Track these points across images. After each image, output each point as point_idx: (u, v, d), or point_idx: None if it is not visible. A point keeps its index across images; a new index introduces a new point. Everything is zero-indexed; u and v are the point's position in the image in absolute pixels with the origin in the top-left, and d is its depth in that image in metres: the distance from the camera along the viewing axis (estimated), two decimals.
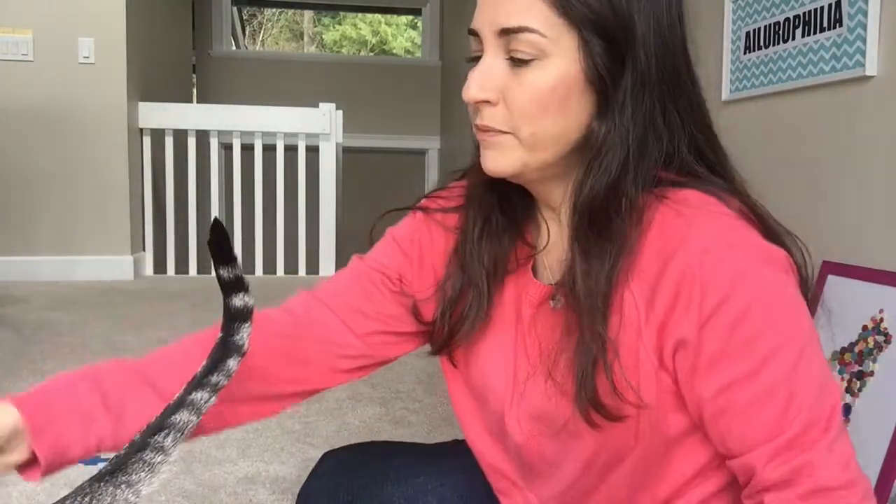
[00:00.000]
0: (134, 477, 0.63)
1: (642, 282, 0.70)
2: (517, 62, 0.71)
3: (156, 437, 0.64)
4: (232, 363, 0.69)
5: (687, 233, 0.68)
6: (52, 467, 0.73)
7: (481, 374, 0.84)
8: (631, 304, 0.70)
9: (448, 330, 0.83)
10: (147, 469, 0.63)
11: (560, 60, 0.70)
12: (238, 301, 0.71)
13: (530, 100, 0.71)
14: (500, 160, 0.74)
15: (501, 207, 0.82)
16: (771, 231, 0.72)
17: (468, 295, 0.82)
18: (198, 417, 0.66)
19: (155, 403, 0.72)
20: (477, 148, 0.79)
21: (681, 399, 0.71)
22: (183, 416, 0.66)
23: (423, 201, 0.91)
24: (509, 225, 0.82)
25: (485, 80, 0.72)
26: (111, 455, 0.65)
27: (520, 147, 0.73)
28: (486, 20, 0.72)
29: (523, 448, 0.82)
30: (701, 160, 0.75)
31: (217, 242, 0.70)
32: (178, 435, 0.65)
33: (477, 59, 0.74)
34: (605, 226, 0.71)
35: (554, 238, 0.80)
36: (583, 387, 0.71)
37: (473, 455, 0.89)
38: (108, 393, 0.76)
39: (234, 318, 0.71)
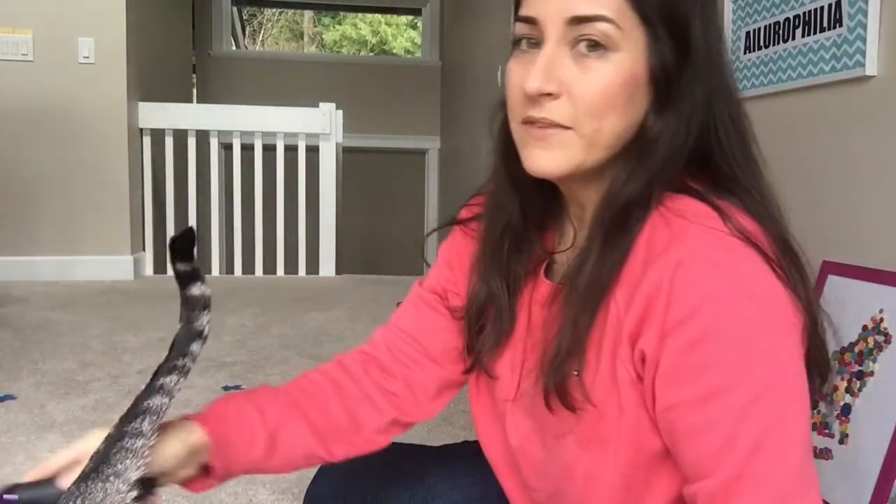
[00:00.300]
0: (120, 466, 0.63)
1: (624, 290, 0.68)
2: (584, 54, 0.68)
3: (132, 423, 0.65)
4: (195, 347, 0.72)
5: (669, 245, 0.65)
6: (218, 483, 0.79)
7: (496, 375, 0.84)
8: (614, 311, 0.68)
9: (477, 346, 0.83)
10: (131, 455, 0.64)
11: (629, 55, 0.68)
12: (196, 290, 0.74)
13: (599, 94, 0.68)
14: (555, 159, 0.70)
15: (524, 213, 0.79)
16: (790, 255, 0.67)
17: (492, 309, 0.81)
18: (170, 399, 0.68)
19: (304, 433, 0.82)
20: (507, 152, 0.76)
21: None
22: (156, 401, 0.67)
23: (461, 211, 0.90)
24: (529, 232, 0.80)
25: (548, 71, 0.68)
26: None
27: (579, 145, 0.70)
28: (553, 7, 0.68)
29: (518, 453, 0.81)
30: (731, 164, 0.72)
31: (181, 241, 0.74)
32: (154, 418, 0.66)
33: (518, 42, 0.71)
34: (627, 219, 0.69)
35: (578, 236, 0.78)
36: (553, 370, 0.70)
37: (484, 458, 0.89)
38: (266, 418, 0.81)
39: (194, 307, 0.74)
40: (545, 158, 0.71)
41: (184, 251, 0.74)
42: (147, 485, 0.70)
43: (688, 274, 0.63)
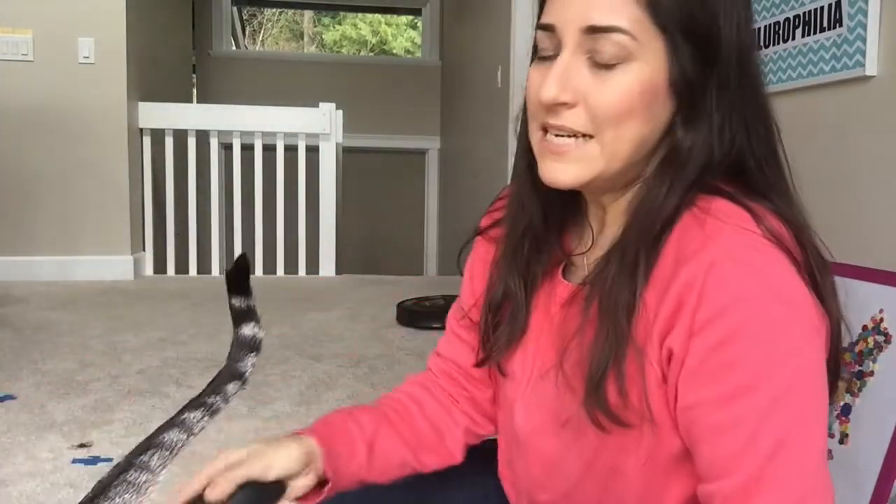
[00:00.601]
0: (118, 500, 0.60)
1: (654, 291, 0.67)
2: (600, 63, 0.68)
3: (141, 456, 0.63)
4: (231, 387, 0.70)
5: (703, 245, 0.65)
6: (330, 493, 0.80)
7: (508, 372, 0.84)
8: (643, 313, 0.68)
9: (491, 343, 0.84)
10: (132, 490, 0.61)
11: (647, 65, 0.67)
12: (248, 330, 0.73)
13: (614, 104, 0.68)
14: (571, 172, 0.71)
15: (545, 216, 0.79)
16: (818, 260, 0.68)
17: (508, 307, 0.82)
18: (188, 436, 0.66)
19: (398, 443, 0.85)
20: (528, 156, 0.76)
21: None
22: (172, 435, 0.65)
23: (483, 219, 0.91)
24: (550, 234, 0.80)
25: (564, 79, 0.68)
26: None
27: (599, 155, 0.70)
28: (571, 15, 0.68)
29: (528, 448, 0.81)
30: (763, 170, 0.72)
31: (236, 273, 0.73)
32: (167, 454, 0.64)
33: (543, 57, 0.71)
34: (662, 230, 0.69)
35: (596, 238, 0.78)
36: (593, 387, 0.69)
37: (487, 457, 0.89)
38: (364, 430, 0.84)
39: (242, 346, 0.72)
40: (560, 171, 0.71)
41: (239, 284, 0.73)
42: (278, 491, 0.71)
43: (720, 274, 0.63)
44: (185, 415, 0.66)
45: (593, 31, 0.67)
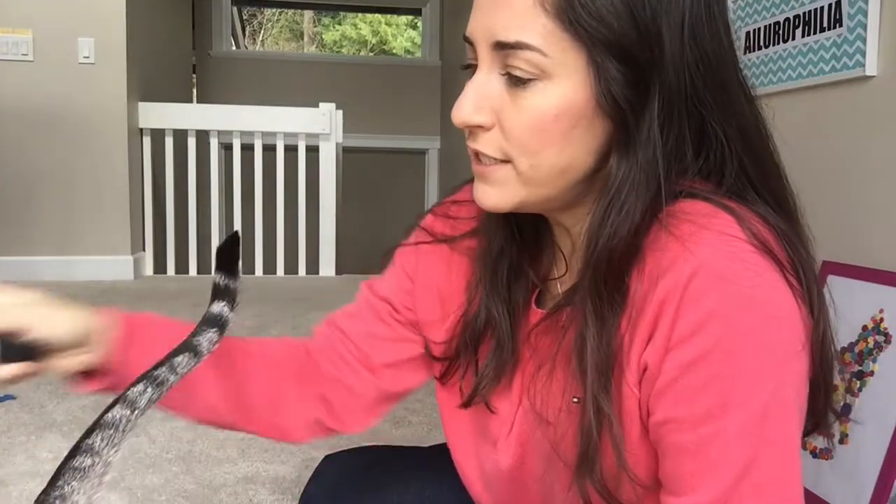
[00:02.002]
0: (67, 489, 0.55)
1: (629, 312, 0.62)
2: (514, 82, 0.61)
3: (87, 439, 0.58)
4: (182, 360, 0.65)
5: (680, 254, 0.59)
6: (113, 386, 0.72)
7: (496, 409, 0.79)
8: (618, 340, 0.63)
9: (476, 382, 0.77)
10: (78, 477, 0.55)
11: (566, 83, 0.60)
12: (216, 308, 0.70)
13: (529, 127, 0.61)
14: (495, 196, 0.66)
15: (515, 239, 0.74)
16: (805, 265, 0.62)
17: (490, 337, 0.75)
18: (133, 412, 0.61)
19: (215, 387, 0.77)
20: None
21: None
22: (116, 412, 0.60)
23: (428, 218, 0.84)
24: (524, 258, 0.74)
25: (478, 100, 0.63)
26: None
27: (517, 181, 0.64)
28: (479, 29, 0.62)
29: (511, 473, 0.78)
30: (744, 174, 0.65)
31: (226, 250, 0.71)
32: (111, 432, 0.58)
33: (470, 66, 0.65)
34: (621, 275, 0.62)
35: (570, 261, 0.73)
36: (585, 464, 0.64)
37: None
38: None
39: (206, 322, 0.69)
40: (486, 193, 0.66)
41: (221, 261, 0.70)
42: (26, 352, 0.64)
43: (701, 288, 0.58)
44: (127, 391, 0.62)
45: (501, 46, 0.60)
